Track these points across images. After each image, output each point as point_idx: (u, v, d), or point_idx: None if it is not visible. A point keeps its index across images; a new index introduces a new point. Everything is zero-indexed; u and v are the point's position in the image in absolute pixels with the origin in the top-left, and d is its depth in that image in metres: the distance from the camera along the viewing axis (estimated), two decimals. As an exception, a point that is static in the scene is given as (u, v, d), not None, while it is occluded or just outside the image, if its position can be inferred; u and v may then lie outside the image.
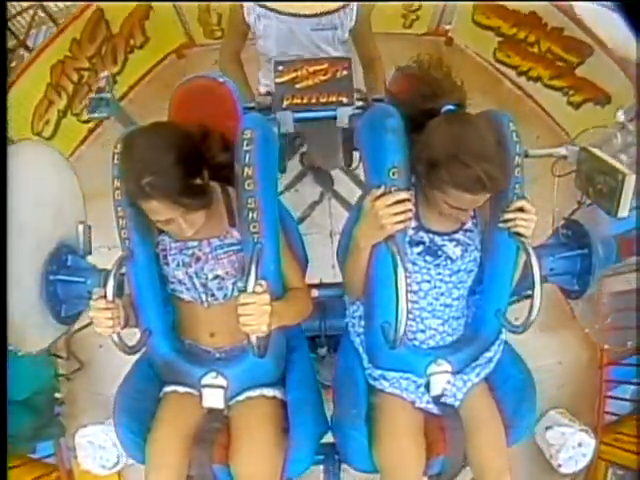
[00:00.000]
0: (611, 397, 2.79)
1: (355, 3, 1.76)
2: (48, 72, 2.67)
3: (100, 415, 2.50)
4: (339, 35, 1.79)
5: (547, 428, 2.61)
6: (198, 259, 1.37)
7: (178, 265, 1.37)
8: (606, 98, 2.72)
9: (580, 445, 2.56)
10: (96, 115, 1.78)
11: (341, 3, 1.74)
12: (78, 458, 2.48)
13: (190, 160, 1.22)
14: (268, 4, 1.73)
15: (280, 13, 1.74)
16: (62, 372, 2.70)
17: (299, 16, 1.74)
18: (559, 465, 2.59)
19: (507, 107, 2.94)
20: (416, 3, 3.00)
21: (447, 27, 3.15)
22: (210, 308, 1.40)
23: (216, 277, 1.38)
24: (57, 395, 2.65)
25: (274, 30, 1.78)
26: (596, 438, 2.60)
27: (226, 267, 1.37)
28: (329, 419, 1.48)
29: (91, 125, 3.00)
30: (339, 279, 1.50)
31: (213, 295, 1.39)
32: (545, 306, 1.30)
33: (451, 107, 1.24)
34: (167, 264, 1.38)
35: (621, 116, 1.61)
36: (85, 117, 2.93)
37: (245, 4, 1.77)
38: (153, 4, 2.88)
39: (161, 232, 1.38)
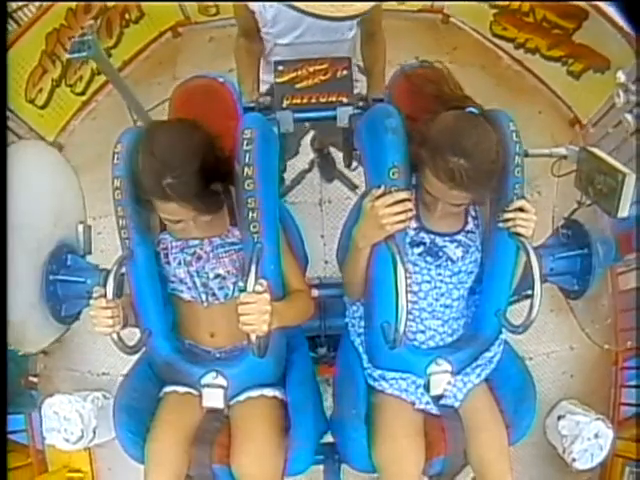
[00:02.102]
0: (628, 386, 2.53)
1: None
2: (43, 39, 2.68)
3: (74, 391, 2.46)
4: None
5: (559, 417, 2.38)
6: (199, 258, 1.37)
7: (179, 264, 1.37)
8: (605, 63, 2.68)
9: (597, 436, 2.29)
10: (76, 55, 1.73)
11: None
12: (43, 431, 2.38)
13: (212, 166, 1.21)
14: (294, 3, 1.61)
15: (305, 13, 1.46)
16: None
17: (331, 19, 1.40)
18: (573, 460, 2.32)
19: (507, 83, 2.95)
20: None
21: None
22: (210, 308, 1.40)
23: (217, 276, 1.38)
24: (32, 372, 2.59)
25: (286, 16, 1.64)
26: (613, 430, 2.35)
27: (227, 266, 1.37)
28: (329, 419, 1.48)
29: (84, 98, 3.01)
30: (328, 251, 1.45)
31: (214, 295, 1.39)
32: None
33: (474, 110, 1.25)
34: (168, 263, 1.38)
35: (622, 76, 1.57)
36: (79, 89, 2.96)
37: None
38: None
39: (162, 230, 1.38)
